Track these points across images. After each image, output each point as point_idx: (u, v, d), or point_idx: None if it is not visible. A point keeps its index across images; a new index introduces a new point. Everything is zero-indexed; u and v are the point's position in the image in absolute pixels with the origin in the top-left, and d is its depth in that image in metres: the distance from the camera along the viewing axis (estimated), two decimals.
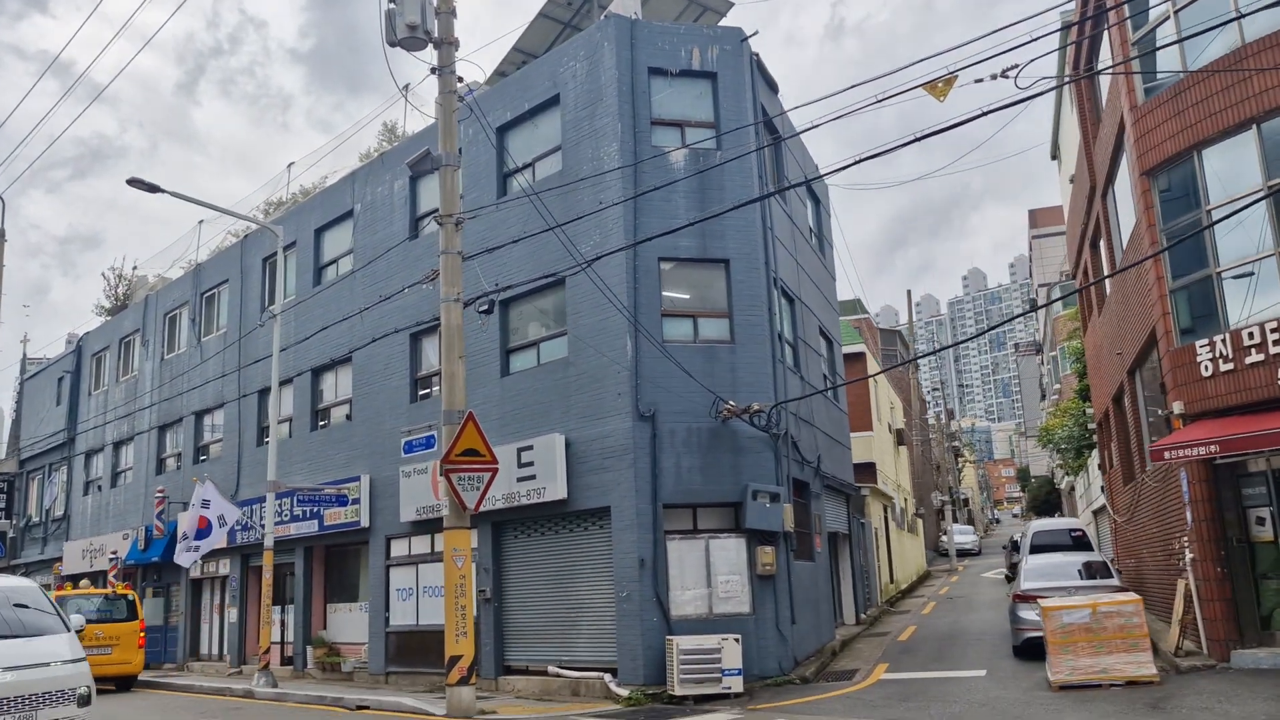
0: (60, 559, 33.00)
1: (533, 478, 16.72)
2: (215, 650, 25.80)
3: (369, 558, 20.62)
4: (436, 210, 20.66)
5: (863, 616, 24.60)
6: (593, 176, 16.94)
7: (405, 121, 23.98)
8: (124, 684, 22.22)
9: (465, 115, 18.07)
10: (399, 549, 19.95)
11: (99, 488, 32.44)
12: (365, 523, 20.43)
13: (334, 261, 23.48)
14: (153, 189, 18.63)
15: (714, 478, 15.92)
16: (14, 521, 36.97)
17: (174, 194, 18.92)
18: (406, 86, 22.91)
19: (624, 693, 14.74)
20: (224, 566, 25.40)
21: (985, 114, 11.23)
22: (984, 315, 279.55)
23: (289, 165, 26.54)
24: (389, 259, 20.94)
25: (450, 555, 14.12)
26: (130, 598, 22.69)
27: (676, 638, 14.52)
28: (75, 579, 31.95)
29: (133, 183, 18.51)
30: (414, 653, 19.09)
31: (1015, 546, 27.88)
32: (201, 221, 30.58)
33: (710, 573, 15.70)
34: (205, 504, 20.26)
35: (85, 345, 35.08)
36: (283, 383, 23.91)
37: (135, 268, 35.77)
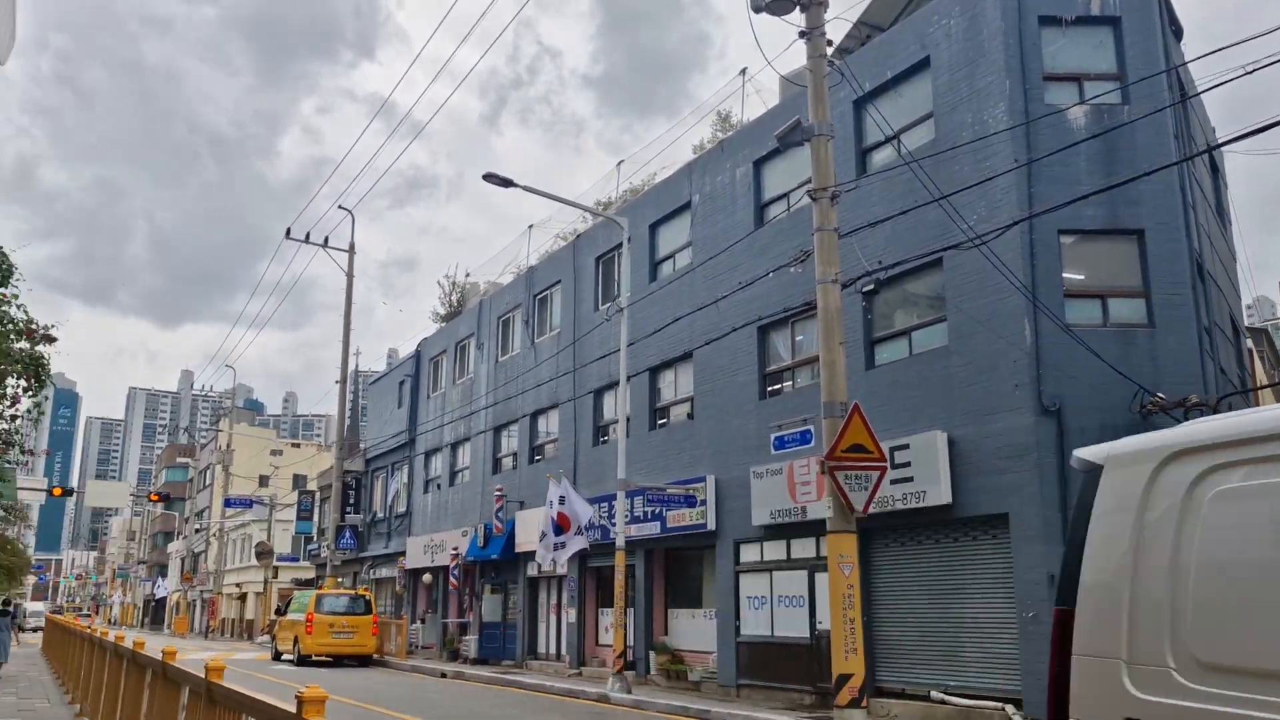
0: (404, 553, 34.75)
1: (909, 480, 15.06)
2: (553, 650, 25.89)
3: (716, 562, 19.68)
4: (782, 196, 19.64)
5: None
6: (973, 142, 15.10)
7: (742, 110, 22.96)
8: (364, 660, 28.01)
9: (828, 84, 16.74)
10: (749, 554, 18.86)
11: (438, 486, 33.89)
12: (712, 525, 19.51)
13: (670, 256, 22.89)
14: (506, 183, 18.69)
15: None
16: (362, 516, 39.51)
17: (525, 187, 18.90)
18: (744, 70, 22.00)
19: None
20: (561, 566, 25.39)
21: None
22: None
23: (618, 164, 26.42)
24: (732, 251, 19.98)
25: (835, 562, 12.74)
26: (367, 598, 29.03)
27: None
28: (417, 573, 33.52)
29: (488, 178, 18.64)
30: (768, 665, 17.89)
31: None
32: (531, 226, 31.24)
33: None
34: (561, 500, 20.05)
35: (424, 350, 36.92)
36: (618, 383, 23.62)
37: (468, 275, 37.33)
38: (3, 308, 4.88)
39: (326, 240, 36.99)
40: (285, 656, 29.82)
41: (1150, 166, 13.92)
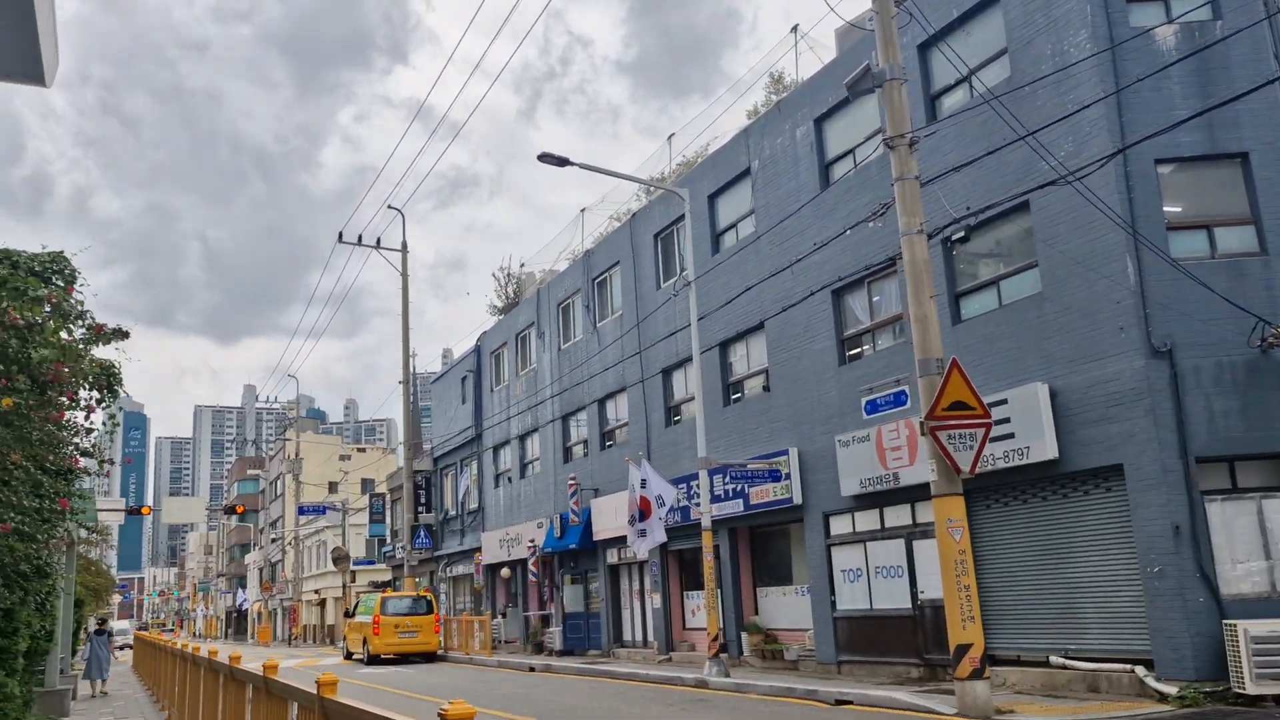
0: (479, 549, 34.57)
1: (1009, 436, 14.29)
2: (639, 637, 25.45)
3: (805, 537, 19.05)
4: (847, 153, 18.86)
5: None
6: (1055, 74, 14.21)
7: (796, 69, 22.15)
8: (429, 658, 29.50)
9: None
10: (840, 526, 18.20)
11: (508, 479, 33.61)
12: (798, 499, 18.88)
13: (732, 227, 22.22)
14: (562, 162, 18.18)
15: (1257, 422, 12.72)
16: (434, 515, 39.43)
17: (581, 165, 18.38)
18: (795, 27, 21.24)
19: (1171, 690, 11.99)
20: (643, 553, 24.92)
21: None
22: None
23: (669, 137, 25.74)
24: (798, 215, 19.26)
25: (944, 528, 12.08)
26: (428, 599, 30.77)
27: (1240, 622, 11.58)
28: (495, 568, 33.31)
29: (543, 158, 18.14)
30: (870, 640, 17.24)
31: None
32: (584, 210, 30.72)
33: (1267, 540, 12.53)
34: (643, 484, 19.54)
35: (484, 344, 36.64)
36: (688, 360, 23.03)
37: (523, 265, 36.94)
38: (65, 309, 4.54)
39: (379, 241, 36.87)
40: (355, 656, 31.69)
41: (1249, 85, 12.98)
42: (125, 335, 4.99)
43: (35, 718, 14.27)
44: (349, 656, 32.60)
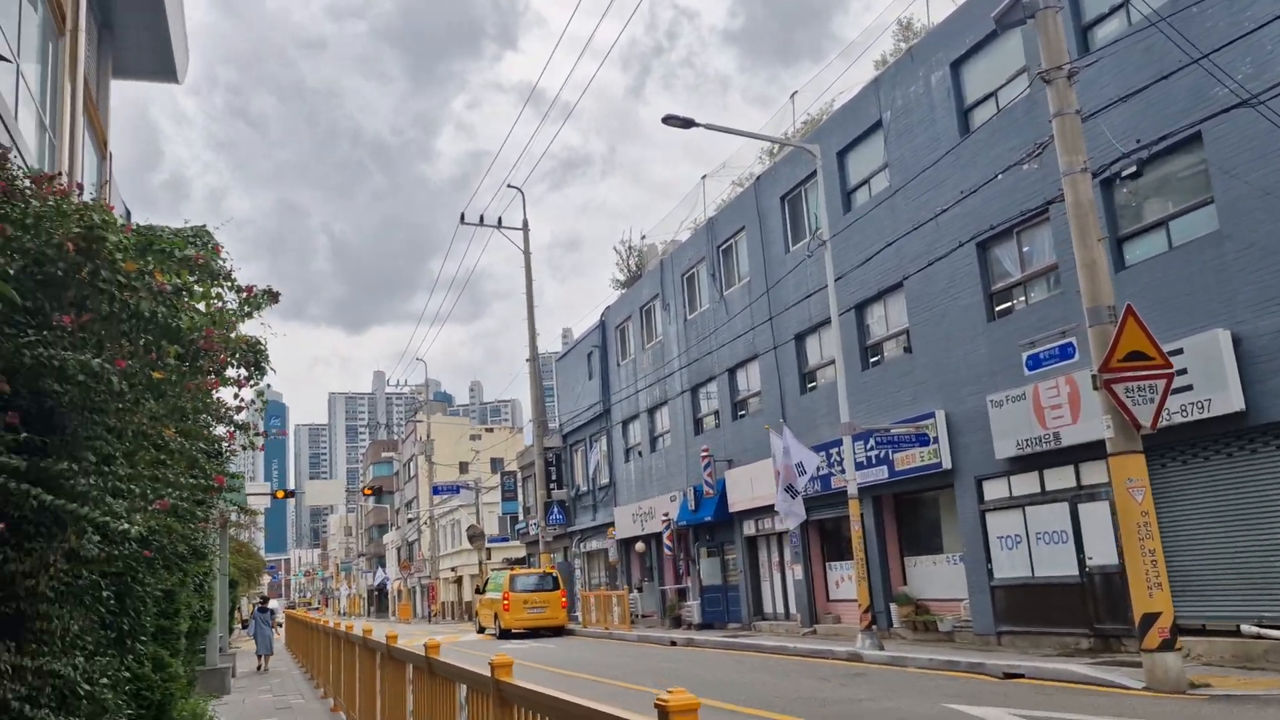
0: (612, 524, 34.51)
1: (1187, 389, 13.18)
2: (779, 609, 24.92)
3: (956, 503, 18.18)
4: (988, 96, 17.77)
5: None
6: None
7: (928, 13, 21.09)
8: (557, 632, 30.37)
9: None
10: (994, 491, 17.27)
11: (639, 454, 33.38)
12: (947, 464, 18.01)
13: (864, 183, 21.32)
14: (687, 124, 17.65)
15: None
16: (566, 491, 39.58)
17: (707, 125, 17.81)
18: None
19: None
20: (780, 522, 24.35)
21: None
22: None
23: (792, 95, 24.88)
24: (937, 166, 18.27)
25: (1123, 488, 11.18)
26: (554, 575, 31.51)
27: None
28: (629, 542, 33.19)
29: (668, 120, 17.64)
30: (1032, 609, 16.32)
31: None
32: (705, 177, 30.10)
33: None
34: (786, 453, 18.95)
35: (608, 319, 36.44)
36: (822, 324, 22.29)
37: (644, 237, 36.57)
38: (213, 268, 4.32)
39: (500, 221, 37.04)
40: (488, 630, 32.93)
41: None
42: (276, 297, 4.70)
43: (198, 696, 14.62)
44: (481, 631, 33.96)
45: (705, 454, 26.67)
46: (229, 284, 4.60)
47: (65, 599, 5.53)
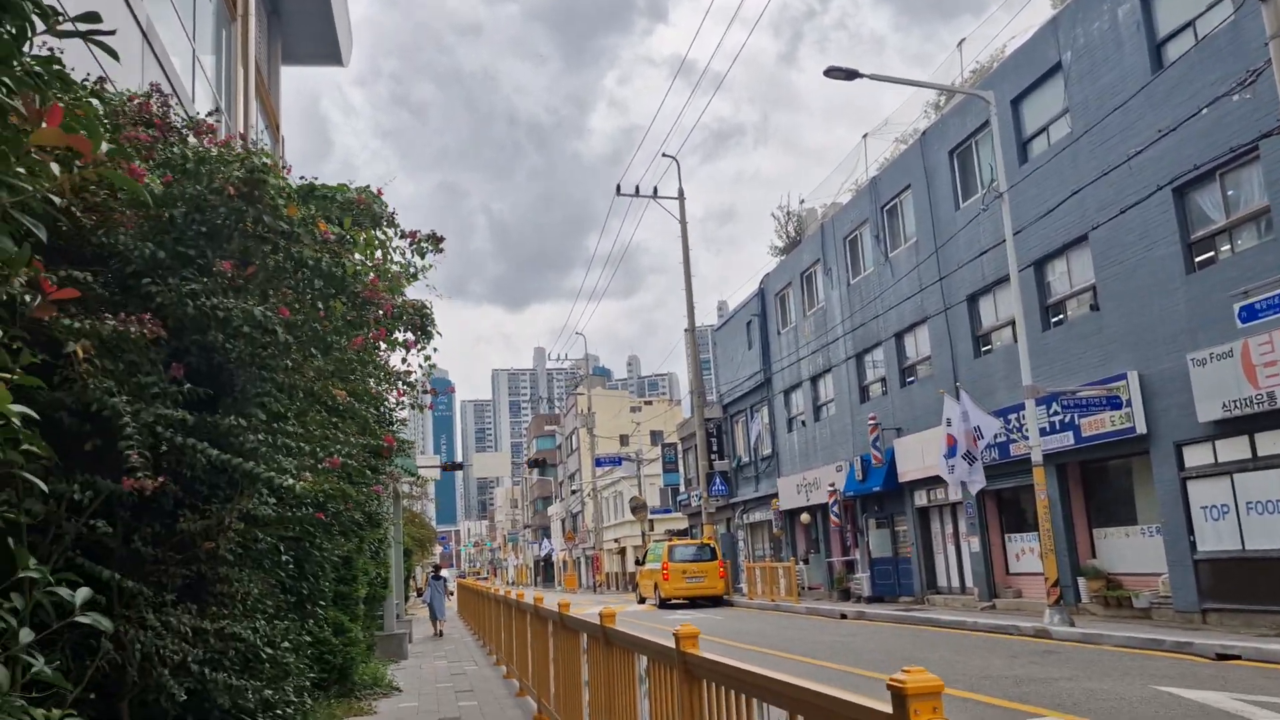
0: (776, 495, 33.98)
1: None
2: (954, 582, 23.92)
3: (1152, 470, 16.88)
4: (1185, 26, 16.28)
5: None
6: None
7: None
8: (715, 601, 30.59)
9: None
10: (1197, 457, 15.93)
11: (802, 423, 32.69)
12: (1141, 429, 16.73)
13: (1041, 131, 19.98)
14: (850, 75, 16.85)
15: None
16: (728, 462, 39.25)
17: (871, 75, 16.97)
18: None
19: None
20: (953, 492, 23.33)
21: None
22: None
23: (960, 43, 23.57)
24: (1126, 108, 16.89)
25: None
26: (712, 546, 31.99)
27: None
28: (793, 513, 32.62)
29: (830, 72, 16.88)
30: (1241, 586, 14.99)
31: None
32: (866, 135, 29.05)
33: None
34: (964, 417, 18.04)
35: (767, 286, 35.76)
36: (997, 283, 21.12)
37: (802, 201, 35.69)
38: (376, 211, 4.15)
39: (656, 191, 36.83)
40: (648, 600, 33.52)
41: None
42: (440, 241, 4.45)
43: (377, 660, 15.01)
44: (642, 601, 34.63)
45: (873, 422, 25.80)
46: (393, 229, 4.39)
47: (244, 562, 5.50)
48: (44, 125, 1.76)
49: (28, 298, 2.43)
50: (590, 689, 6.84)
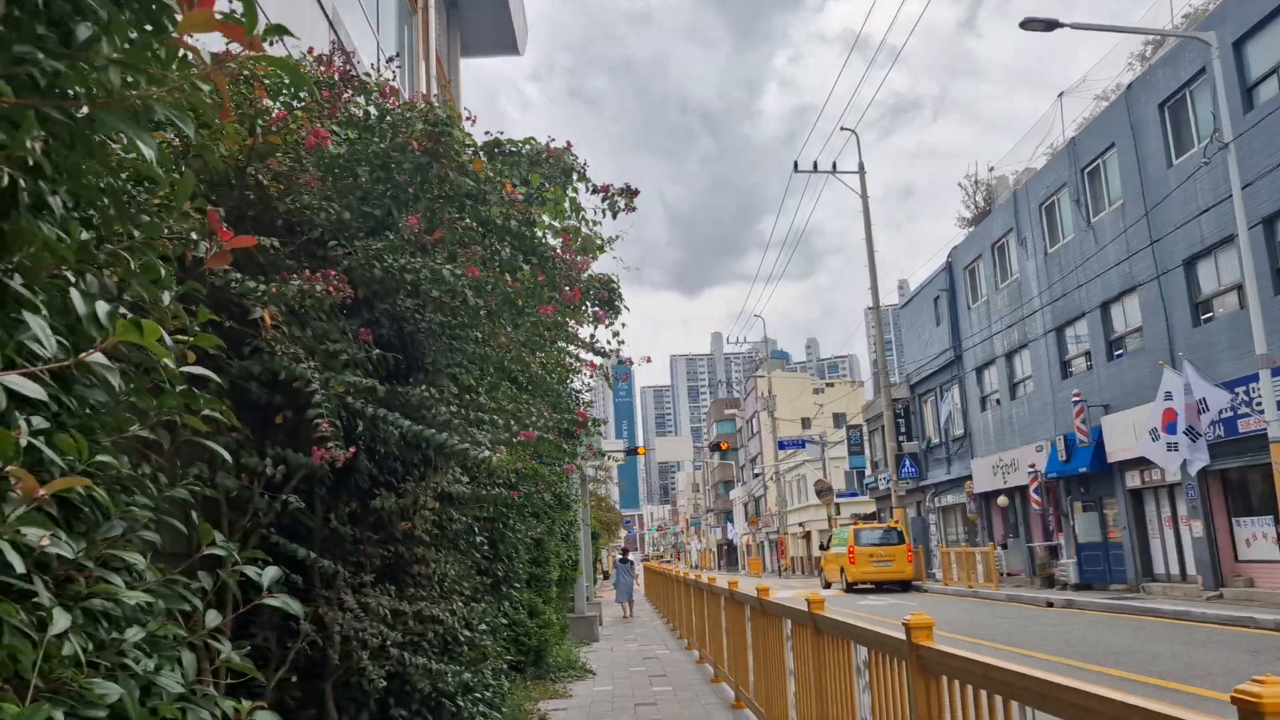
0: (969, 477, 32.53)
1: None
2: (1173, 569, 22.16)
3: None
4: None
5: None
6: None
7: None
8: (903, 587, 30.17)
9: None
10: None
11: (996, 401, 31.12)
12: None
13: (1270, 74, 18.10)
14: (1049, 26, 15.74)
15: None
16: (917, 443, 37.91)
17: (1073, 25, 15.76)
18: None
19: None
20: (1169, 471, 21.59)
21: None
22: None
23: None
24: None
25: None
26: (899, 529, 31.50)
27: None
28: (989, 496, 31.16)
29: (1027, 24, 15.77)
30: None
31: None
32: (1062, 94, 27.21)
33: None
34: (1187, 390, 16.60)
35: (955, 260, 34.23)
36: (1219, 244, 19.35)
37: (991, 169, 33.96)
38: (567, 163, 3.91)
39: (834, 166, 35.85)
40: (833, 585, 33.23)
41: None
42: (634, 195, 4.12)
43: (570, 642, 15.05)
44: (828, 586, 34.25)
45: (1077, 399, 24.18)
46: (584, 183, 4.10)
47: (440, 543, 5.38)
48: (193, 7, 1.52)
49: (200, 242, 2.25)
50: (796, 679, 6.43)
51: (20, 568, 1.32)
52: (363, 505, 4.21)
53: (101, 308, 1.41)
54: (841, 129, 34.81)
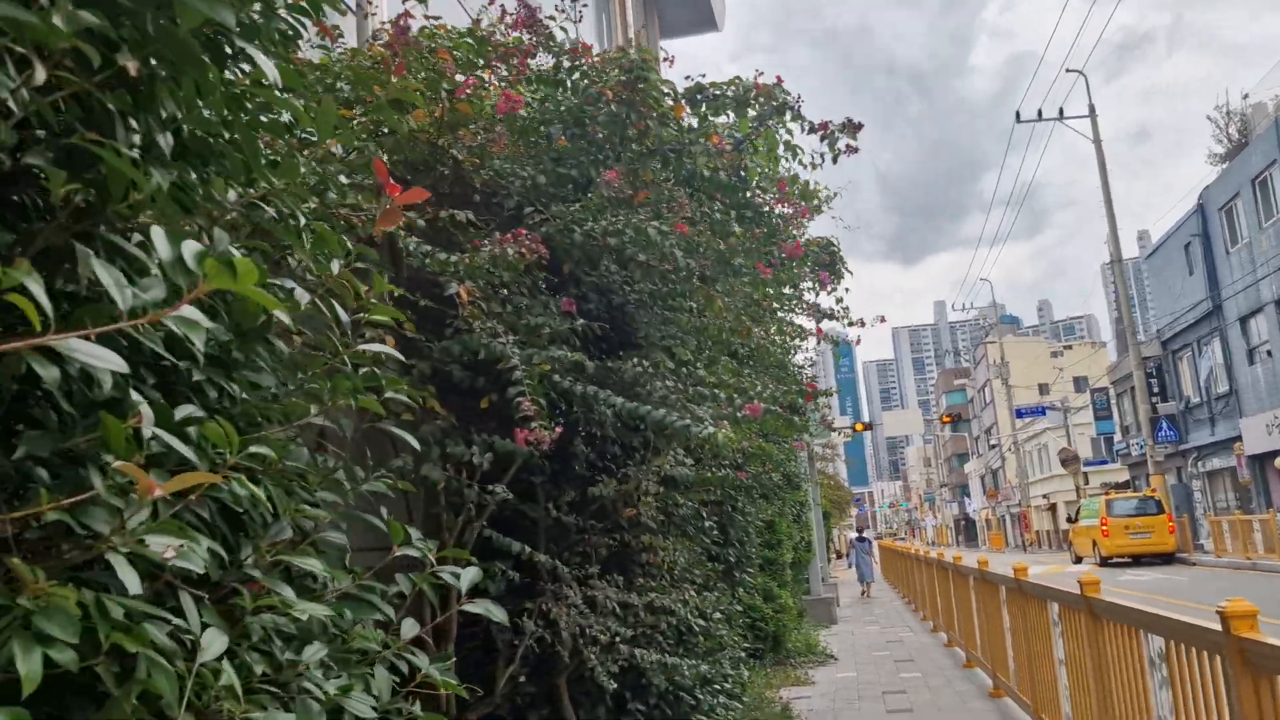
0: (1238, 438, 29.60)
1: None
2: None
3: None
4: None
5: None
6: None
7: None
8: (1165, 560, 28.12)
9: None
10: None
11: (1267, 353, 28.14)
12: None
13: None
14: None
15: None
16: (1173, 405, 34.91)
17: None
18: None
19: None
20: None
21: None
22: None
23: None
24: None
25: None
26: (1157, 498, 29.40)
27: None
28: (1264, 458, 28.28)
29: None
30: None
31: None
32: None
33: None
34: None
35: (1207, 201, 31.19)
36: None
37: (1246, 96, 30.70)
38: (778, 97, 3.53)
39: (1061, 112, 33.47)
40: (1085, 560, 31.14)
41: None
42: (857, 130, 3.64)
43: (808, 626, 14.61)
44: (1078, 561, 32.29)
45: None
46: (799, 121, 3.67)
47: (667, 530, 5.10)
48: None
49: (360, 202, 2.01)
50: (1068, 669, 5.76)
51: (135, 587, 1.09)
52: (582, 494, 3.97)
53: (189, 248, 1.15)
54: (1067, 71, 32.42)
